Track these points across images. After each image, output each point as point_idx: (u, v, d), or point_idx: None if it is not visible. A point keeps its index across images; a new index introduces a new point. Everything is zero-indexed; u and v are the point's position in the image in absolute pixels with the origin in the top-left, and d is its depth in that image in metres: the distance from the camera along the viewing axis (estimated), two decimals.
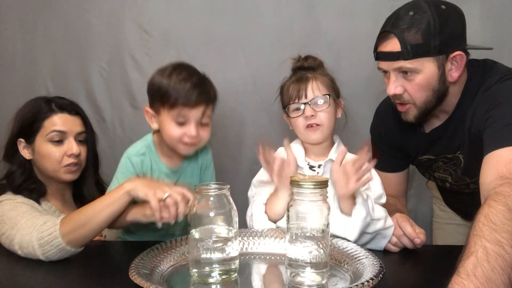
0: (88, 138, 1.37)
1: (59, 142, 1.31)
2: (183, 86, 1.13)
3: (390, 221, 1.13)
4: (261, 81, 1.74)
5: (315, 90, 1.22)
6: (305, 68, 1.28)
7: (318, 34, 1.69)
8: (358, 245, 1.06)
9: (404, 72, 1.15)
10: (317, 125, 1.22)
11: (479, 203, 0.99)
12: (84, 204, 1.28)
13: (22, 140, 1.32)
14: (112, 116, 1.83)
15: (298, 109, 1.23)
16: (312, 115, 1.21)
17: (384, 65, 1.18)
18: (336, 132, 1.32)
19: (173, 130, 1.16)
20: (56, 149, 1.30)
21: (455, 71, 1.15)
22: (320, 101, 1.22)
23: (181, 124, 1.15)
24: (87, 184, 1.39)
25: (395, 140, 1.38)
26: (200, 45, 1.72)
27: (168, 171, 1.25)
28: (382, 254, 1.08)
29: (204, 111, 1.16)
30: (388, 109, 1.37)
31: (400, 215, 1.17)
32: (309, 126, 1.22)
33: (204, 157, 1.34)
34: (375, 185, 1.20)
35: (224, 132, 1.79)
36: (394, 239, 1.13)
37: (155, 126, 1.22)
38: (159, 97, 1.16)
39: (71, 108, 1.36)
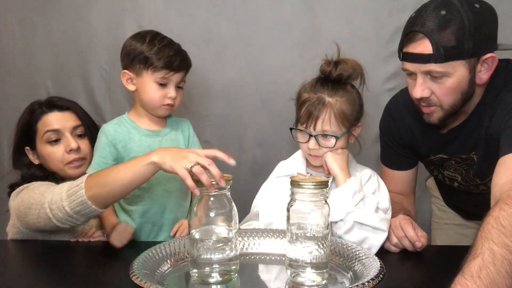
0: (87, 131, 1.36)
1: (57, 141, 1.31)
2: (168, 53, 1.24)
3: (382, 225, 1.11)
4: (261, 81, 1.74)
5: (325, 125, 1.14)
6: (332, 79, 1.16)
7: (318, 34, 1.69)
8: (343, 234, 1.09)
9: (433, 75, 1.09)
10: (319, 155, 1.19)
11: (485, 204, 0.98)
12: None
13: (28, 147, 1.34)
14: (112, 116, 1.81)
15: (303, 133, 1.18)
16: (316, 149, 1.17)
17: (412, 67, 1.11)
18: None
19: (154, 91, 1.26)
20: (55, 149, 1.30)
21: (484, 73, 1.10)
22: (326, 138, 1.16)
23: (162, 85, 1.26)
24: None
25: (406, 139, 1.34)
26: (200, 45, 1.72)
27: (149, 132, 1.31)
28: (382, 254, 1.08)
29: (183, 76, 1.29)
30: (400, 107, 1.33)
31: (403, 217, 1.16)
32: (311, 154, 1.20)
33: (183, 126, 1.38)
34: (382, 198, 1.19)
35: (224, 132, 1.79)
36: (395, 240, 1.13)
37: (131, 87, 1.29)
38: (143, 60, 1.24)
39: (61, 104, 1.35)
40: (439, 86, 1.10)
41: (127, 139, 1.29)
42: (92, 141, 1.37)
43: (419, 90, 1.11)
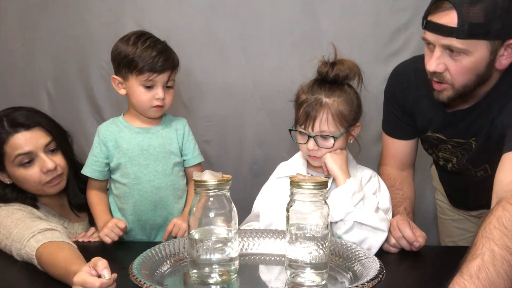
0: (58, 144, 1.28)
1: (30, 162, 1.21)
2: (149, 54, 1.24)
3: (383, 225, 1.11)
4: (261, 81, 1.74)
5: (323, 125, 1.15)
6: (329, 80, 1.17)
7: (318, 34, 1.69)
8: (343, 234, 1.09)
9: (451, 50, 1.04)
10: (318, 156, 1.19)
11: (475, 193, 0.96)
12: (80, 208, 1.32)
13: None
14: (112, 116, 1.82)
15: (303, 134, 1.18)
16: (315, 149, 1.17)
17: (432, 37, 1.06)
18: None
19: (142, 94, 1.27)
20: (30, 172, 1.21)
21: (506, 58, 1.05)
22: (325, 139, 1.16)
23: (148, 88, 1.27)
24: (69, 191, 1.34)
25: (409, 107, 1.30)
26: (200, 45, 1.72)
27: (139, 130, 1.32)
28: (382, 255, 1.08)
29: (170, 75, 1.28)
30: (409, 74, 1.28)
31: (400, 217, 1.16)
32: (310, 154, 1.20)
33: (178, 124, 1.37)
34: (383, 199, 1.19)
35: (224, 132, 1.79)
36: (393, 241, 1.13)
37: (122, 91, 1.31)
38: (127, 64, 1.26)
39: (27, 122, 1.22)
40: (455, 64, 1.06)
41: (117, 138, 1.30)
42: (65, 151, 1.31)
43: (434, 63, 1.07)
